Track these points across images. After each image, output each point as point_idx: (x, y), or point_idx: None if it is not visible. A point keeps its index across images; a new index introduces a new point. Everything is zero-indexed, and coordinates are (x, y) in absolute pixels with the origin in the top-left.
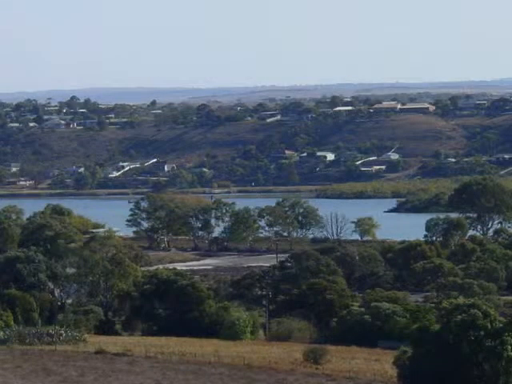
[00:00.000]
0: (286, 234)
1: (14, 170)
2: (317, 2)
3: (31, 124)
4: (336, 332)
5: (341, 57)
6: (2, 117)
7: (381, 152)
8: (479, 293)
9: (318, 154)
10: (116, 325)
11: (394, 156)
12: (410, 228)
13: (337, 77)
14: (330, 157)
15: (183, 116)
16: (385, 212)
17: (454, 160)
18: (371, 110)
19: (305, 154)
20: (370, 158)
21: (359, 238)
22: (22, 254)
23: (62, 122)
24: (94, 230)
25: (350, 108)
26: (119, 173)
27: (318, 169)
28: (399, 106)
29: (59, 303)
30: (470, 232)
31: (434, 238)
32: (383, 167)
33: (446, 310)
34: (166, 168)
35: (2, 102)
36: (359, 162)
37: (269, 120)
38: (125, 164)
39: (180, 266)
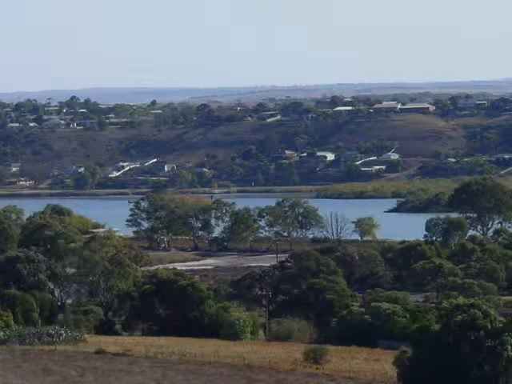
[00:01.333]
0: (286, 234)
1: (13, 169)
2: (317, 2)
3: (31, 124)
4: (336, 332)
5: (341, 57)
6: (2, 117)
7: (381, 152)
8: (479, 293)
9: (318, 154)
10: (116, 325)
11: (394, 156)
12: (410, 228)
13: (337, 77)
14: (330, 157)
15: (183, 116)
16: (385, 212)
17: (453, 160)
18: (371, 110)
19: (305, 154)
20: (370, 158)
21: (359, 238)
22: (22, 254)
23: (62, 121)
24: (94, 230)
25: (349, 108)
26: (119, 173)
27: (318, 169)
28: (399, 106)
29: (59, 303)
30: (470, 232)
31: (434, 238)
32: (383, 167)
33: (445, 309)
34: (166, 168)
35: (2, 101)
36: (359, 162)
37: (269, 120)
38: (125, 164)
39: (180, 266)
